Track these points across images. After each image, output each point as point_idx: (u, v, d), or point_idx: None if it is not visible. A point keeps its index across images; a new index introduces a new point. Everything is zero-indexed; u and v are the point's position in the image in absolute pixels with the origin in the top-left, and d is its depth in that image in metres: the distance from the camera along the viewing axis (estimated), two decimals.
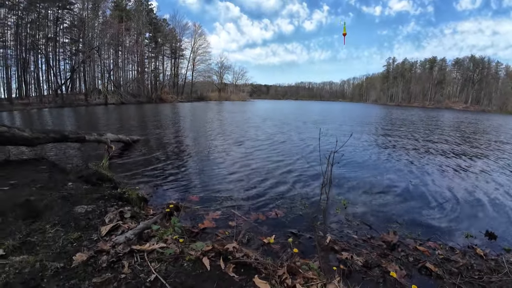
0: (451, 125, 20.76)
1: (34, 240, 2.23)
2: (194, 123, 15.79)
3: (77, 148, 7.34)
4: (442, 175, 6.19)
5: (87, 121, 16.34)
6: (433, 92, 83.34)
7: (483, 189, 5.33)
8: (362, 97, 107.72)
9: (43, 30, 34.84)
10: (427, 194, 4.92)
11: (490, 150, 10.00)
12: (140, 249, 2.12)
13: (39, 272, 1.79)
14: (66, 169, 5.02)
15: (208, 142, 9.48)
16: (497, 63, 77.13)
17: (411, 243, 3.09)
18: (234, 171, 5.92)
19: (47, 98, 32.85)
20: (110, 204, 3.23)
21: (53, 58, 37.10)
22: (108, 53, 44.06)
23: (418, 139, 11.80)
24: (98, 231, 2.47)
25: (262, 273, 1.97)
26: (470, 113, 50.38)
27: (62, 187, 3.63)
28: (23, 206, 2.82)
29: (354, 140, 10.58)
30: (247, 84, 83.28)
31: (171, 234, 2.46)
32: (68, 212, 2.80)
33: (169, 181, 5.10)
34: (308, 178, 5.50)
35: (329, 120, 20.91)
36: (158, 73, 55.67)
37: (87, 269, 1.87)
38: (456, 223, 3.82)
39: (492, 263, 2.71)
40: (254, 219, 3.58)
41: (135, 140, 8.53)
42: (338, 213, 3.91)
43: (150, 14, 52.35)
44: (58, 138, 6.02)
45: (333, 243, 2.95)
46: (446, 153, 8.93)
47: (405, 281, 2.34)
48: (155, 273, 1.85)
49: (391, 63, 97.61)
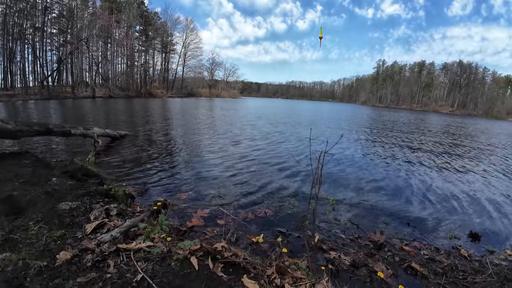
0: (441, 127, 21.26)
1: (17, 237, 2.15)
2: (184, 120, 15.60)
3: (62, 142, 7.14)
4: (430, 177, 6.32)
5: (74, 114, 15.93)
6: (420, 95, 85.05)
7: (469, 190, 5.48)
8: (352, 98, 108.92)
9: (30, 20, 33.71)
10: (414, 194, 5.03)
11: (478, 152, 10.28)
12: (126, 248, 2.08)
13: (22, 271, 1.73)
14: (50, 163, 4.87)
15: (198, 139, 9.40)
16: (484, 69, 79.37)
17: (397, 243, 3.14)
18: (224, 169, 5.89)
19: (33, 90, 31.82)
20: (96, 200, 3.15)
21: (40, 49, 35.96)
22: (97, 45, 43.04)
23: (410, 141, 12.03)
24: (83, 229, 2.40)
25: (251, 272, 1.96)
26: (457, 116, 51.73)
27: (46, 182, 3.52)
28: (6, 201, 2.72)
29: (345, 140, 10.70)
30: (238, 81, 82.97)
31: (159, 232, 2.42)
32: (52, 208, 2.72)
33: (157, 178, 5.02)
34: (298, 178, 5.53)
35: (323, 120, 21.04)
36: (148, 67, 54.73)
37: (71, 268, 1.82)
38: (441, 223, 3.91)
39: (476, 264, 2.78)
40: (243, 217, 3.57)
41: (122, 135, 8.37)
42: (326, 213, 3.94)
43: (141, 7, 51.36)
44: (43, 131, 5.84)
45: (322, 242, 2.97)
46: (434, 154, 9.13)
47: (391, 281, 2.37)
48: (142, 272, 1.82)
49: (381, 65, 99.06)
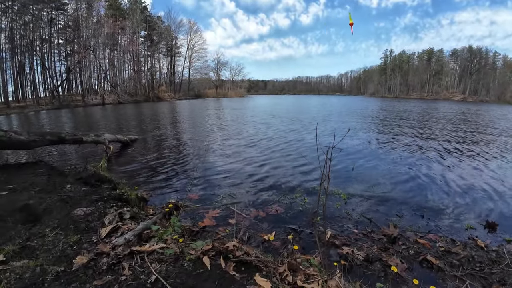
0: (452, 115, 20.74)
1: (34, 244, 2.22)
2: (193, 122, 15.73)
3: (74, 149, 7.31)
4: (442, 167, 6.19)
5: (85, 122, 16.26)
6: (431, 84, 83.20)
7: (483, 180, 5.34)
8: (360, 90, 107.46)
9: (37, 32, 34.53)
10: (427, 186, 4.93)
11: (494, 141, 10.00)
12: (140, 250, 2.12)
13: (39, 277, 1.79)
14: (64, 171, 5.00)
15: (207, 140, 9.46)
16: (494, 53, 76.87)
17: (411, 236, 3.09)
18: (233, 168, 5.91)
19: (44, 100, 32.62)
20: (109, 205, 3.22)
21: (49, 60, 36.82)
22: (103, 53, 43.75)
23: (423, 129, 11.80)
24: (98, 233, 2.46)
25: (263, 270, 1.97)
26: (470, 104, 50.29)
27: (61, 189, 3.62)
28: (22, 210, 2.81)
29: (355, 133, 10.58)
30: (245, 80, 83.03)
31: (171, 234, 2.46)
32: (67, 214, 2.80)
33: (168, 180, 5.09)
34: (308, 174, 5.50)
35: (335, 115, 20.80)
36: (155, 71, 55.41)
37: (87, 272, 1.87)
38: (456, 214, 3.83)
39: (493, 254, 2.71)
40: (254, 216, 3.58)
41: (133, 140, 8.50)
42: (338, 208, 3.91)
43: (144, 12, 51.92)
44: (55, 140, 5.99)
45: (334, 238, 2.95)
46: (447, 143, 8.93)
47: (406, 275, 2.34)
48: (156, 274, 1.85)
49: (388, 55, 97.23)
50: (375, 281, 2.19)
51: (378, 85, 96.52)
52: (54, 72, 37.87)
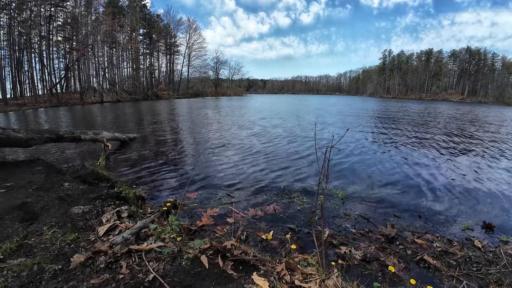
0: (447, 116, 20.82)
1: (32, 242, 2.22)
2: (191, 121, 15.71)
3: (73, 147, 7.28)
4: (440, 168, 6.21)
5: (83, 120, 16.21)
6: (429, 84, 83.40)
7: (481, 181, 5.36)
8: (358, 90, 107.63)
9: (36, 29, 34.37)
10: (425, 186, 4.94)
11: (491, 139, 10.04)
12: (138, 249, 2.12)
13: (37, 275, 1.78)
14: (62, 169, 4.99)
15: (205, 139, 9.45)
16: (493, 54, 77.18)
17: (409, 236, 3.10)
18: (232, 167, 5.91)
19: (42, 98, 32.51)
20: (107, 203, 3.21)
21: (47, 57, 36.70)
22: (102, 51, 43.59)
23: (419, 131, 11.82)
24: (96, 232, 2.46)
25: (261, 269, 1.97)
26: (467, 104, 50.46)
27: (58, 188, 3.61)
28: (20, 208, 2.80)
29: (353, 134, 10.59)
30: (244, 79, 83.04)
31: (169, 232, 2.46)
32: (65, 213, 2.79)
33: (166, 179, 5.08)
34: (306, 173, 5.51)
35: (335, 115, 20.84)
36: (154, 69, 55.26)
37: (85, 271, 1.86)
38: (453, 215, 3.84)
39: (490, 255, 2.73)
40: (252, 215, 3.59)
41: (131, 138, 8.48)
42: (336, 207, 3.92)
43: (143, 10, 51.74)
44: (53, 138, 5.97)
45: (332, 237, 2.96)
46: (447, 143, 8.96)
47: (403, 274, 2.35)
48: (153, 272, 1.85)
49: (387, 55, 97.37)
50: (372, 281, 2.20)
51: (377, 85, 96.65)
52: (53, 69, 37.84)
